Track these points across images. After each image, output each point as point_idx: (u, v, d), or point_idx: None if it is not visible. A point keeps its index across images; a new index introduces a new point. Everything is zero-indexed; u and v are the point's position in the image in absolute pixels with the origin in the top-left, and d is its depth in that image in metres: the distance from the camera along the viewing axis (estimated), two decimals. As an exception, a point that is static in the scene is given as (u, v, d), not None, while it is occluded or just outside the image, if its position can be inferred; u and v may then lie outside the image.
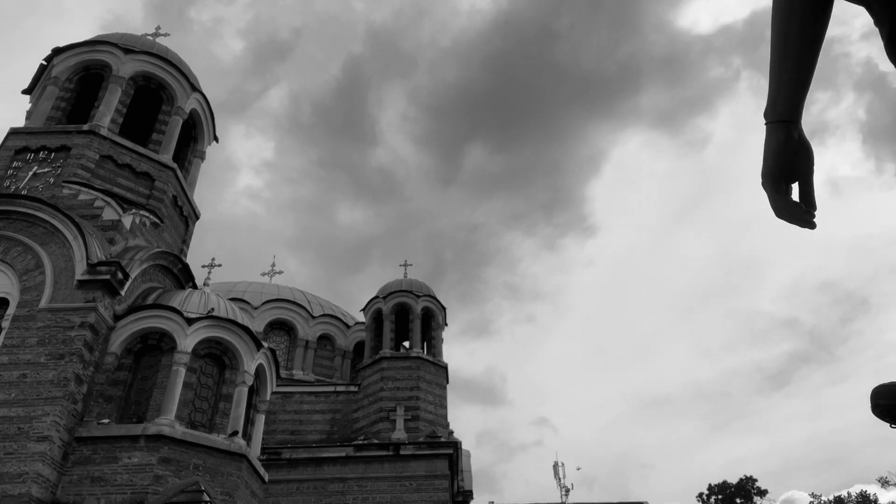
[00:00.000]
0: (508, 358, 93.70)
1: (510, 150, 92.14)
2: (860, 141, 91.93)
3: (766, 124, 1.35)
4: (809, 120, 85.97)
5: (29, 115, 15.18)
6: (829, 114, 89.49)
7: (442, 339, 20.87)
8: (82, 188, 13.32)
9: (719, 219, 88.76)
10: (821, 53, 1.37)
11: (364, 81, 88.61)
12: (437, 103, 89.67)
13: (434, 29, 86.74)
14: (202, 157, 17.34)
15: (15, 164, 13.76)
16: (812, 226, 1.36)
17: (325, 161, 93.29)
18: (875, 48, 79.36)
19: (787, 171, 1.34)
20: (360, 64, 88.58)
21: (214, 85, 77.70)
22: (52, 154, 13.87)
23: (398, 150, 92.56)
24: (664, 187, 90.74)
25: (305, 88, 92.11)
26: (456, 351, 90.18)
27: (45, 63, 15.79)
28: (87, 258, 11.65)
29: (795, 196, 1.40)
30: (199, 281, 15.44)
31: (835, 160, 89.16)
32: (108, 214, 13.11)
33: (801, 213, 1.36)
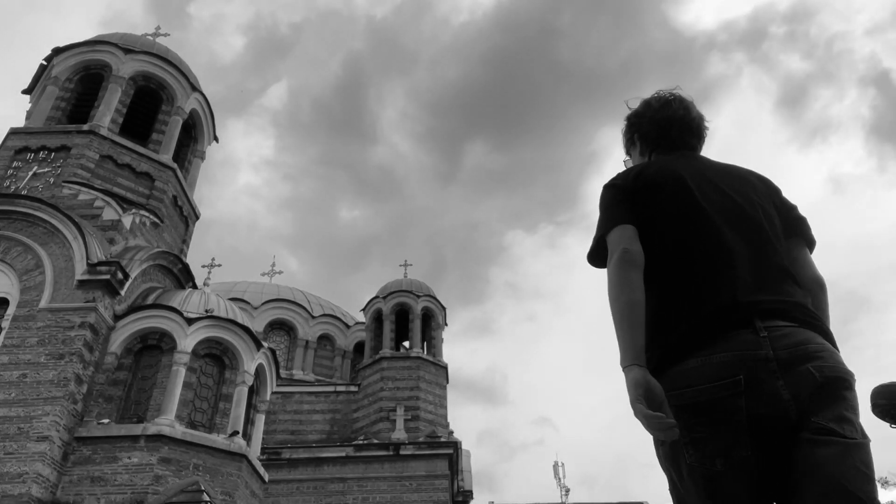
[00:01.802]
0: (509, 357, 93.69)
1: (511, 147, 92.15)
2: (863, 138, 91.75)
3: (623, 370, 1.66)
4: (812, 116, 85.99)
5: (29, 115, 15.18)
6: (832, 110, 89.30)
7: (442, 339, 20.89)
8: (82, 188, 13.33)
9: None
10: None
11: (364, 78, 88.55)
12: (438, 100, 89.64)
13: (434, 25, 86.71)
14: (202, 157, 17.36)
15: (15, 163, 13.77)
16: (674, 435, 1.56)
17: (325, 159, 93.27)
18: (879, 44, 79.25)
19: (648, 397, 1.57)
20: (361, 60, 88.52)
21: (214, 82, 77.76)
22: (52, 154, 13.88)
23: (398, 147, 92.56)
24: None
25: (305, 85, 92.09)
26: (457, 350, 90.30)
27: (44, 63, 15.80)
28: (87, 258, 11.66)
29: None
30: (199, 281, 15.45)
31: (837, 158, 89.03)
32: (108, 214, 13.12)
33: (664, 424, 1.54)
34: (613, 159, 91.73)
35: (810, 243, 2.06)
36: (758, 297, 1.71)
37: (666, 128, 2.17)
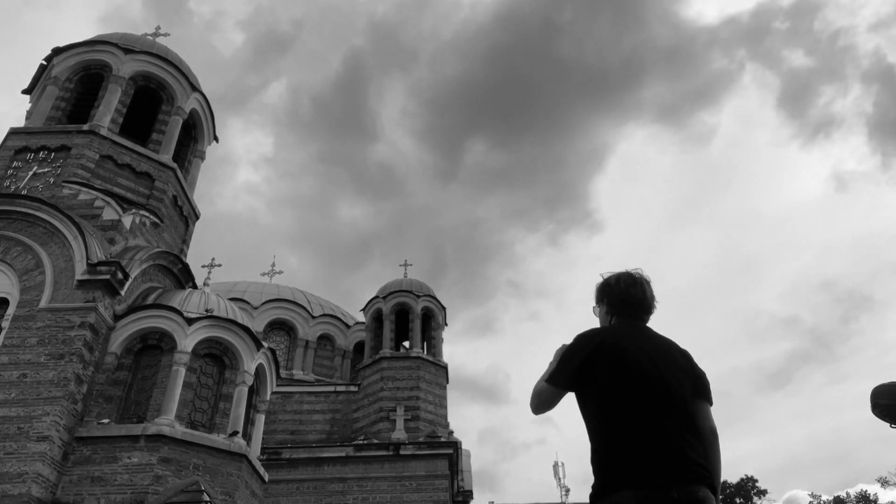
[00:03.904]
0: (512, 356, 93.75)
1: (512, 144, 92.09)
2: (866, 135, 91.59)
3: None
4: (815, 113, 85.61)
5: (29, 114, 15.18)
6: (835, 106, 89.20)
7: (442, 339, 20.89)
8: (82, 188, 13.32)
9: (721, 215, 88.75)
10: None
11: (364, 75, 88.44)
12: (438, 97, 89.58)
13: (435, 21, 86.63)
14: (202, 157, 17.36)
15: (15, 164, 13.76)
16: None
17: (325, 156, 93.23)
18: (883, 39, 79.09)
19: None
20: (361, 57, 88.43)
21: (213, 79, 77.66)
22: (52, 154, 13.87)
23: (398, 145, 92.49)
24: (667, 183, 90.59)
25: (305, 82, 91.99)
26: (459, 349, 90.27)
27: (44, 63, 15.80)
28: (87, 258, 11.65)
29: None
30: (199, 281, 15.45)
31: (841, 154, 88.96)
32: (108, 214, 13.11)
33: None
34: (616, 156, 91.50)
35: (710, 402, 2.75)
36: (673, 463, 2.37)
37: (628, 302, 2.91)
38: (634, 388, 2.53)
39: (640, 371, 2.56)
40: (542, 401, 2.78)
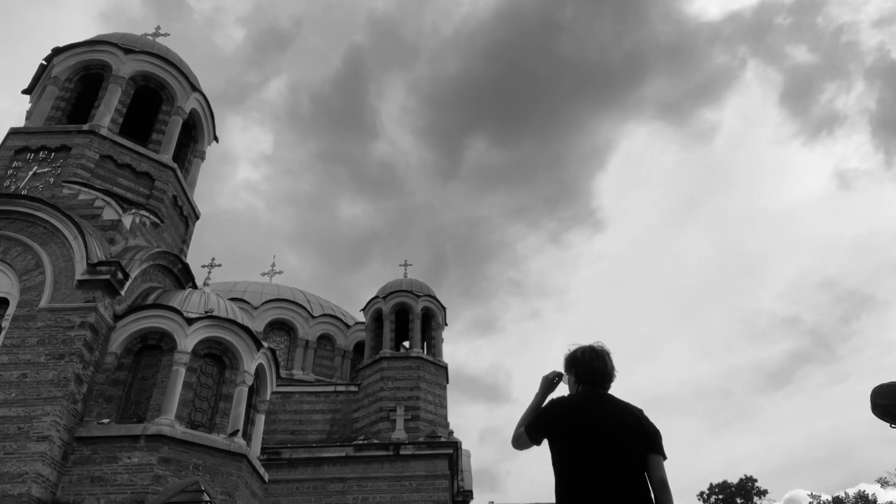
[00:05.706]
0: (513, 355, 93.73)
1: (513, 142, 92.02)
2: (869, 132, 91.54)
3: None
4: (818, 110, 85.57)
5: (29, 114, 15.18)
6: (838, 104, 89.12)
7: (442, 339, 20.91)
8: (82, 188, 13.33)
9: (722, 214, 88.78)
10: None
11: (365, 72, 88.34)
12: (438, 95, 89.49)
13: (436, 18, 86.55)
14: (202, 157, 17.36)
15: (15, 163, 13.76)
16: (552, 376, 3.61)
17: (325, 154, 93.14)
18: (886, 35, 79.07)
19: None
20: (361, 54, 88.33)
21: (213, 76, 77.57)
22: (52, 154, 13.88)
23: (399, 142, 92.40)
24: (669, 181, 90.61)
25: (305, 79, 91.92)
26: (460, 348, 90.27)
27: (44, 63, 15.81)
28: (87, 258, 11.65)
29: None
30: (199, 281, 15.45)
31: (844, 152, 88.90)
32: (108, 214, 13.11)
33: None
34: (618, 154, 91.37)
35: (663, 455, 3.15)
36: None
37: (591, 373, 3.38)
38: (588, 446, 3.04)
39: (596, 433, 3.07)
40: (520, 444, 3.41)
